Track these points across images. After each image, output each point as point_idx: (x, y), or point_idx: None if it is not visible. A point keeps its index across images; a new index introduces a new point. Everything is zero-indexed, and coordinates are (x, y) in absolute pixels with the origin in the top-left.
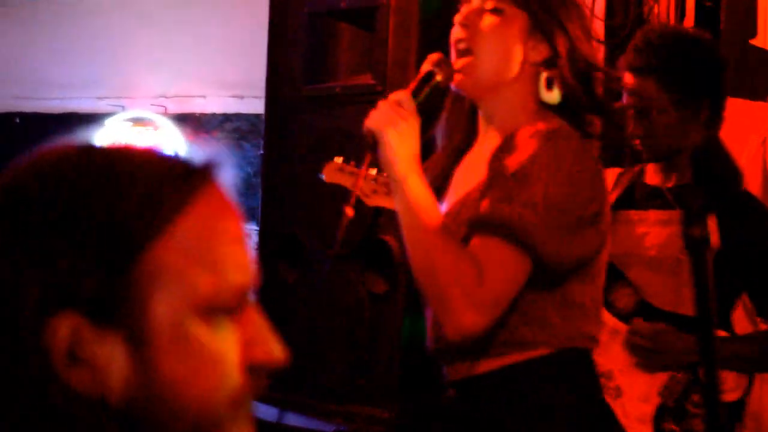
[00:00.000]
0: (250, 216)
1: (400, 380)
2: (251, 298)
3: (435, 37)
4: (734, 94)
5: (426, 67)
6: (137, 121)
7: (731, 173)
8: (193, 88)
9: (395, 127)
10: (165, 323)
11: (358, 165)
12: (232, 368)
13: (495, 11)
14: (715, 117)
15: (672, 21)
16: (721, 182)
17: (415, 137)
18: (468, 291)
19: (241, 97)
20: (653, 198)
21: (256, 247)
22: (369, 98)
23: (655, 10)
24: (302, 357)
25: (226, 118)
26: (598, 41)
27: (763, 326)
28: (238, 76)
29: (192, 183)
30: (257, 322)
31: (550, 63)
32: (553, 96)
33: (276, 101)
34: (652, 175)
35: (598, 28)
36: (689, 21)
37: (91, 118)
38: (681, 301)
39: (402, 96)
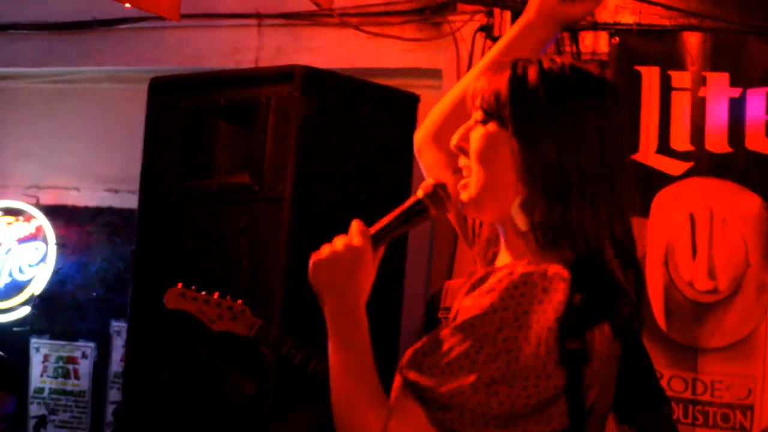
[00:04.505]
0: (120, 312)
1: None
2: None
3: (314, 136)
4: None
5: (418, 195)
6: (8, 211)
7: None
8: (66, 180)
9: (327, 261)
10: None
11: (200, 290)
12: None
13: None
14: None
15: None
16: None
17: (360, 273)
18: None
19: (116, 191)
20: None
21: (124, 342)
22: (245, 197)
23: None
24: None
25: (99, 211)
26: None
27: None
28: (113, 170)
29: None
30: None
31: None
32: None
33: (150, 197)
34: None
35: None
36: None
37: None
38: None
39: (354, 230)
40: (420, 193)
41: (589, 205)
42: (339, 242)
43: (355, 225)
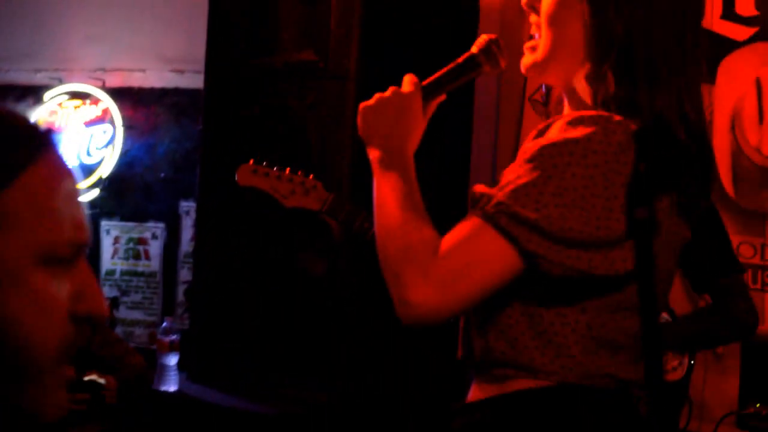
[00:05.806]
0: (189, 192)
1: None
2: (83, 253)
3: (379, 11)
4: None
5: (472, 51)
6: (75, 95)
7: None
8: (132, 62)
9: (375, 106)
10: (6, 266)
11: (272, 166)
12: (62, 315)
13: None
14: None
15: None
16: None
17: (406, 118)
18: (421, 261)
19: (181, 72)
20: None
21: (193, 223)
22: (310, 74)
23: None
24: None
25: (165, 92)
26: None
27: (702, 303)
28: (178, 51)
29: (36, 144)
30: (87, 276)
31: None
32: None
33: (216, 76)
34: None
35: None
36: None
37: (28, 91)
38: None
39: (405, 80)
40: (474, 49)
41: (658, 81)
42: (389, 91)
43: (407, 76)
